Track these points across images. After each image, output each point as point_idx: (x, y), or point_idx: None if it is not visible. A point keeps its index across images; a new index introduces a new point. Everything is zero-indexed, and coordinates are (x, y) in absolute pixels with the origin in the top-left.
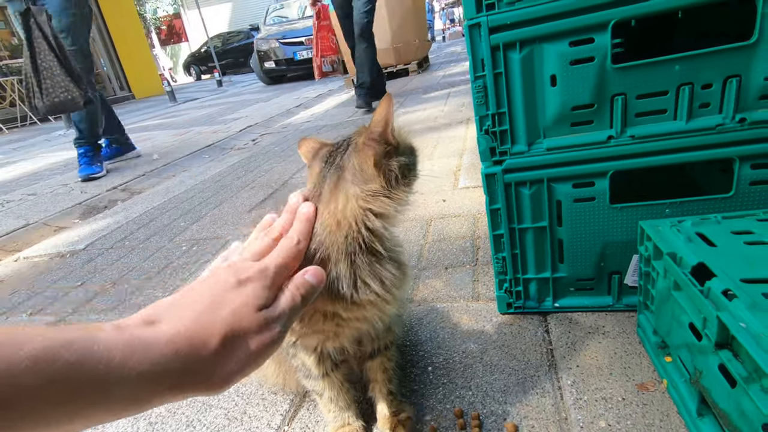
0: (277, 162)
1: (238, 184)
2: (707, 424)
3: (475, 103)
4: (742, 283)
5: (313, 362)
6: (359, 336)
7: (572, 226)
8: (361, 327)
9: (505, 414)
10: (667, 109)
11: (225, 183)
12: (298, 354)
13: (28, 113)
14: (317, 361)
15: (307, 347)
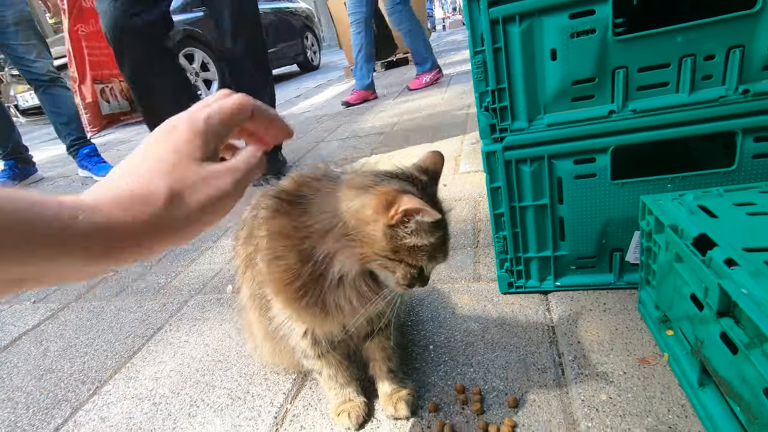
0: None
1: None
2: (708, 394)
3: (475, 79)
4: (744, 252)
5: (308, 345)
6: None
7: (573, 204)
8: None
9: (506, 389)
10: (669, 82)
11: None
12: (291, 335)
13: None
14: (311, 344)
15: (297, 332)
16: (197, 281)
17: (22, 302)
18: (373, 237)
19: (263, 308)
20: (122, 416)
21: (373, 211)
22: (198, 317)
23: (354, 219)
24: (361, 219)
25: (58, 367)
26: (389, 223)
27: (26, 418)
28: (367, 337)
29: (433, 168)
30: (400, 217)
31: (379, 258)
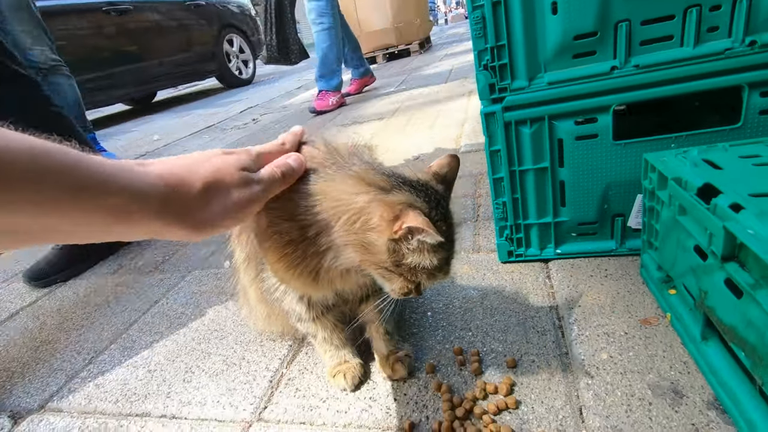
0: None
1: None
2: (711, 347)
3: (473, 35)
4: (749, 197)
5: (302, 308)
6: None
7: (574, 167)
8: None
9: (505, 351)
10: (674, 35)
11: None
12: (285, 299)
13: None
14: (306, 307)
15: (292, 295)
16: (195, 257)
17: (19, 281)
18: (375, 245)
19: (257, 271)
20: (117, 382)
21: (378, 219)
22: (195, 291)
23: (359, 221)
24: (366, 224)
25: (54, 339)
26: (392, 237)
27: (21, 386)
28: (362, 301)
29: (450, 175)
30: (404, 233)
31: (378, 268)
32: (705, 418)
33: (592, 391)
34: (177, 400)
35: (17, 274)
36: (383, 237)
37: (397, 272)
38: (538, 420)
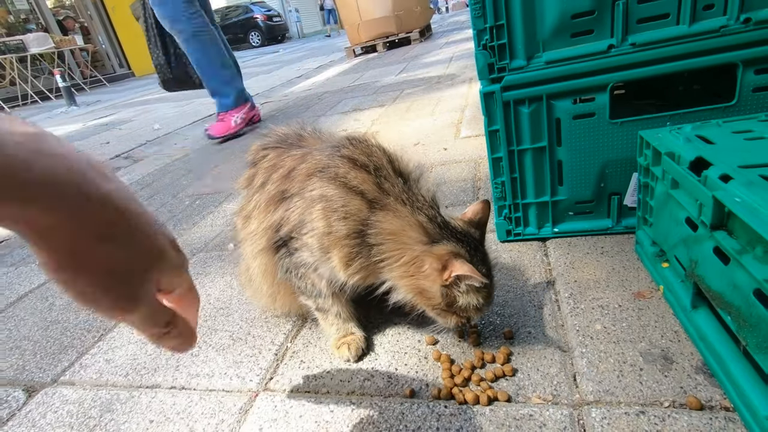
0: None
1: (237, 147)
2: (700, 314)
3: (473, 15)
4: (739, 168)
5: (324, 284)
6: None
7: (572, 145)
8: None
9: (503, 324)
10: (670, 13)
11: (225, 146)
12: (308, 275)
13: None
14: (327, 284)
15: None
16: (199, 241)
17: (27, 264)
18: (430, 291)
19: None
20: (126, 358)
21: (430, 269)
22: (200, 272)
23: (414, 266)
24: (419, 270)
25: (64, 319)
26: (443, 284)
27: (33, 362)
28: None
29: (483, 219)
30: (453, 280)
31: (433, 309)
32: (693, 382)
33: (586, 359)
34: (186, 373)
35: (25, 258)
36: (435, 285)
37: (450, 311)
38: (534, 386)
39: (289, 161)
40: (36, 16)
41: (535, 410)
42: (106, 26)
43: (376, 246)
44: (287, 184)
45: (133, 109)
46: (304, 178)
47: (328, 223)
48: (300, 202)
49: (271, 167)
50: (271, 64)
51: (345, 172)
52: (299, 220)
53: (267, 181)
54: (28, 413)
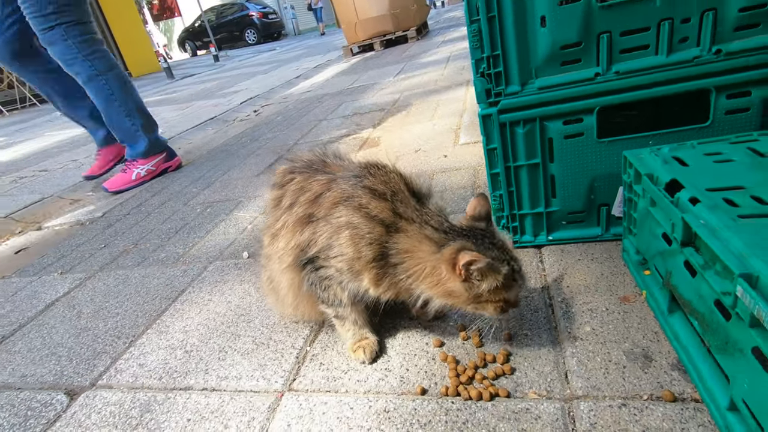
0: (280, 130)
1: (244, 152)
2: (675, 318)
3: (471, 46)
4: (706, 191)
5: (345, 295)
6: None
7: (563, 162)
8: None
9: (502, 327)
10: (649, 44)
11: (232, 151)
12: (332, 286)
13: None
14: (349, 295)
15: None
16: (214, 249)
17: (49, 273)
18: (455, 291)
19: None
20: (158, 362)
21: (446, 272)
22: (218, 280)
23: (435, 275)
24: (440, 276)
25: (93, 326)
26: (461, 279)
27: (71, 367)
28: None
29: (483, 211)
30: (464, 271)
31: (468, 304)
32: (669, 377)
33: (576, 358)
34: (215, 376)
35: (46, 268)
36: (456, 283)
37: (483, 300)
38: (530, 383)
39: (315, 186)
40: None
41: (531, 404)
42: (101, 26)
43: (399, 265)
44: (314, 207)
45: None
46: (331, 205)
47: (357, 249)
48: (327, 226)
49: (298, 190)
50: (269, 63)
51: (367, 202)
52: (327, 243)
53: (295, 203)
54: (73, 415)
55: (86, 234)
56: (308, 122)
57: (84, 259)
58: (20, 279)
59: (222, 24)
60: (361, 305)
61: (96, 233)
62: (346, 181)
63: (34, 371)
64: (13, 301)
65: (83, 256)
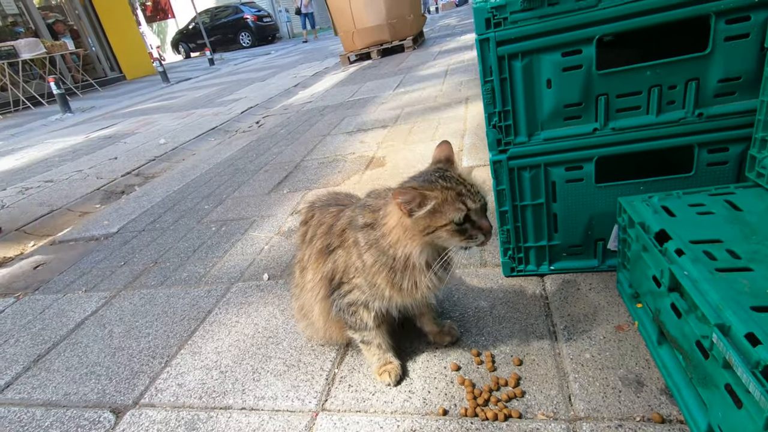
0: (285, 145)
1: (251, 168)
2: (664, 349)
3: (485, 102)
4: (690, 243)
5: (371, 318)
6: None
7: (565, 203)
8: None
9: (512, 352)
10: (641, 106)
11: (239, 167)
12: (358, 311)
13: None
14: (374, 317)
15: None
16: (234, 270)
17: (74, 291)
18: (410, 229)
19: (327, 291)
20: (196, 382)
21: (396, 219)
22: (243, 301)
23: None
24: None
25: (127, 346)
26: (405, 216)
27: (111, 386)
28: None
29: (443, 156)
30: (402, 208)
31: (432, 238)
32: (658, 401)
33: (578, 383)
34: (252, 396)
35: (69, 285)
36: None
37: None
38: (539, 405)
39: (327, 218)
40: (25, 20)
41: (541, 425)
42: (96, 28)
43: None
44: (330, 238)
45: (134, 120)
46: (341, 232)
47: (362, 260)
48: (342, 251)
49: (317, 224)
50: (265, 70)
51: (365, 220)
52: (345, 266)
53: (314, 237)
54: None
55: (103, 250)
56: (312, 137)
57: (106, 276)
58: (45, 296)
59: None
60: (385, 328)
61: (113, 250)
62: (352, 210)
63: (76, 390)
64: (42, 319)
65: (104, 273)
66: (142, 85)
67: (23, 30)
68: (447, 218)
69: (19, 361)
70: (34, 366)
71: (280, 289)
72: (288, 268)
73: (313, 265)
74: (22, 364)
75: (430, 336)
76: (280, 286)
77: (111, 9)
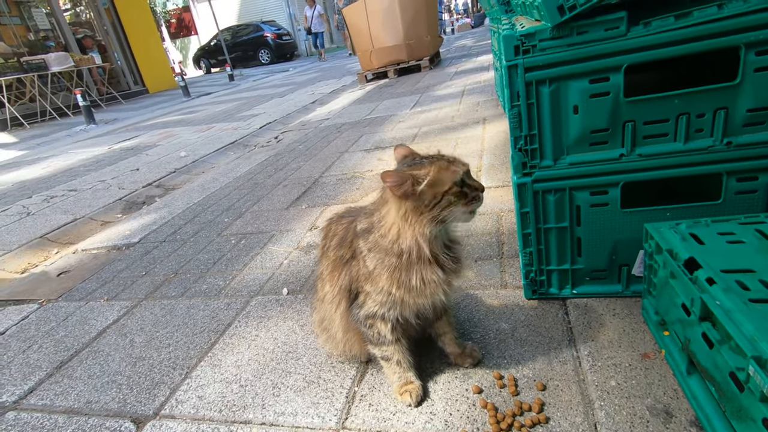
0: (304, 160)
1: (270, 182)
2: (693, 379)
3: (511, 126)
4: (721, 272)
5: (388, 330)
6: (423, 311)
7: (589, 227)
8: (421, 305)
9: (534, 377)
10: (668, 133)
11: (258, 181)
12: (375, 324)
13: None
14: (391, 330)
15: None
16: (254, 284)
17: (96, 300)
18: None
19: (347, 303)
20: (216, 395)
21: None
22: (262, 315)
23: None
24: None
25: (148, 356)
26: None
27: (132, 396)
28: (437, 319)
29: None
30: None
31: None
32: None
33: (604, 411)
34: (272, 411)
35: (91, 293)
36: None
37: (450, 196)
38: None
39: (340, 229)
40: (56, 35)
41: None
42: (122, 43)
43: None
44: (342, 250)
45: (156, 132)
46: (350, 243)
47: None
48: (354, 261)
49: (331, 236)
50: (284, 86)
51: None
52: (357, 275)
53: (329, 248)
54: None
55: (125, 260)
56: (331, 154)
57: (127, 286)
58: (68, 303)
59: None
60: (404, 344)
61: (134, 260)
62: (360, 222)
63: (98, 398)
64: (65, 327)
65: (126, 283)
66: (164, 99)
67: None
68: (449, 182)
69: (42, 367)
70: (57, 372)
71: (300, 304)
72: (307, 283)
73: (329, 276)
74: (46, 371)
75: (451, 357)
76: (300, 300)
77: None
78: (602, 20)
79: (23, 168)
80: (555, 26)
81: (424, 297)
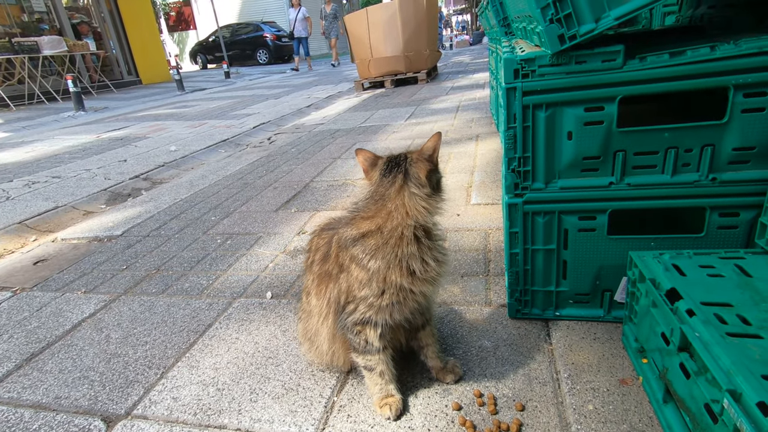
0: (295, 164)
1: (260, 184)
2: (669, 408)
3: (506, 147)
4: (701, 305)
5: (377, 337)
6: (415, 309)
7: (576, 251)
8: (418, 299)
9: (514, 397)
10: (657, 165)
11: (248, 181)
12: (364, 331)
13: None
14: (380, 337)
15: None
16: (237, 285)
17: (73, 291)
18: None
19: (335, 314)
20: (192, 397)
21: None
22: (244, 318)
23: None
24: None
25: (123, 353)
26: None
27: (104, 393)
28: (422, 328)
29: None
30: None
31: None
32: None
33: None
34: (248, 417)
35: (68, 284)
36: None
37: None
38: None
39: (322, 244)
40: (51, 18)
41: None
42: (118, 32)
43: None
44: (327, 264)
45: (147, 124)
46: (335, 257)
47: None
48: (343, 275)
49: (314, 250)
50: (279, 88)
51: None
52: (348, 287)
53: (313, 262)
54: None
55: (106, 252)
56: (323, 159)
57: (106, 279)
58: (43, 294)
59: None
60: (389, 354)
61: (116, 253)
62: (338, 231)
63: (68, 394)
64: (39, 317)
65: (105, 276)
66: (157, 91)
67: (48, 27)
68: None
69: (11, 358)
70: (27, 365)
71: (283, 309)
72: (292, 287)
73: (315, 290)
74: (14, 362)
75: (433, 371)
76: (283, 305)
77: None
78: (600, 52)
79: (6, 150)
80: (555, 54)
81: (428, 281)
